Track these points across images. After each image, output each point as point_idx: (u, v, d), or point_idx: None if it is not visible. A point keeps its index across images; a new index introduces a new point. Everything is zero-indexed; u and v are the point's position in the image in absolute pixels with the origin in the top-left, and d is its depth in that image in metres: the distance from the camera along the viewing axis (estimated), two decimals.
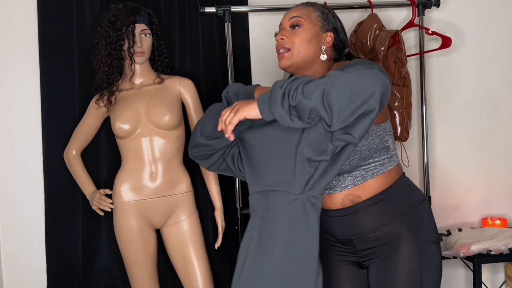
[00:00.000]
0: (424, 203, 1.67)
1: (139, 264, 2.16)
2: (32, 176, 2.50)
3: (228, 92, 1.69)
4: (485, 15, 2.66)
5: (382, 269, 1.60)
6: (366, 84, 1.33)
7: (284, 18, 1.69)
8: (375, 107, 1.34)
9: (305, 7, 1.69)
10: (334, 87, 1.33)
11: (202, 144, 1.73)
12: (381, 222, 1.60)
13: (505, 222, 2.60)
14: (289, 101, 1.36)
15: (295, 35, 1.63)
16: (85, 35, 2.41)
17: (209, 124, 1.69)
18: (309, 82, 1.37)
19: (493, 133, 2.70)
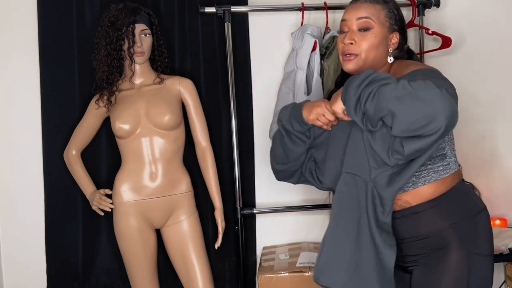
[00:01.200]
0: (481, 213, 1.56)
1: (139, 264, 2.16)
2: (32, 176, 2.50)
3: (282, 121, 1.70)
4: (485, 15, 2.66)
5: (425, 276, 1.54)
6: (432, 112, 1.31)
7: (350, 15, 1.58)
8: (435, 133, 1.34)
9: (373, 4, 1.58)
10: (402, 106, 1.34)
11: (281, 170, 1.78)
12: (430, 230, 1.53)
13: (505, 222, 2.60)
14: (361, 109, 1.42)
15: (364, 40, 1.55)
16: (85, 35, 2.41)
17: (279, 152, 1.74)
18: (381, 89, 1.38)
19: (493, 133, 2.69)
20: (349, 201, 1.54)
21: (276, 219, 2.62)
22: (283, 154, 1.73)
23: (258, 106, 2.58)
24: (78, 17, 2.43)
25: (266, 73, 2.58)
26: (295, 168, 1.75)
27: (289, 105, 1.71)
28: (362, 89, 1.42)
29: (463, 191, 1.58)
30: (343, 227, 1.54)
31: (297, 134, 1.67)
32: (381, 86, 1.39)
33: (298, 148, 1.69)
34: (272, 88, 2.55)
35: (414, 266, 1.60)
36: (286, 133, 1.69)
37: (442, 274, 1.50)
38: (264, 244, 2.62)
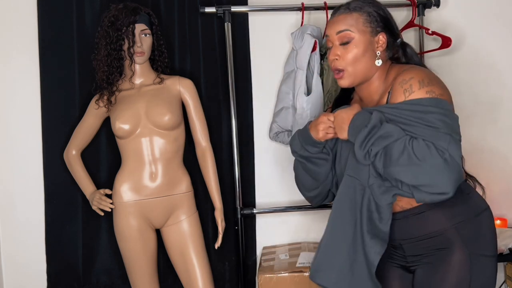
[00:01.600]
0: (484, 213, 1.57)
1: (139, 264, 2.16)
2: (32, 176, 2.50)
3: (296, 151, 1.73)
4: (485, 15, 2.66)
5: (428, 276, 1.55)
6: (438, 183, 1.40)
7: (330, 30, 1.60)
8: (443, 194, 1.42)
9: (350, 13, 1.58)
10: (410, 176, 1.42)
11: (315, 196, 1.80)
12: (432, 230, 1.54)
13: (505, 222, 2.60)
14: (370, 161, 1.49)
15: (347, 53, 1.56)
16: (85, 35, 2.41)
17: (307, 180, 1.76)
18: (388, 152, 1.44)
19: (493, 133, 2.69)
20: (348, 203, 1.57)
21: (276, 219, 2.62)
22: (311, 180, 1.75)
23: (258, 106, 2.58)
24: (78, 17, 2.43)
25: (266, 73, 2.58)
26: (327, 187, 1.77)
27: (295, 134, 1.75)
28: (368, 147, 1.48)
29: (465, 191, 1.58)
30: (341, 228, 1.57)
31: (317, 156, 1.70)
32: (387, 147, 1.45)
33: (324, 168, 1.72)
34: (272, 88, 2.55)
35: (416, 266, 1.60)
36: (307, 160, 1.72)
37: (444, 274, 1.51)
38: (264, 244, 2.62)
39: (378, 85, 1.61)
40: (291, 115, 2.35)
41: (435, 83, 1.51)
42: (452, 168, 1.39)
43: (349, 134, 1.53)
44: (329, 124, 1.61)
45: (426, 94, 1.47)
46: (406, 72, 1.54)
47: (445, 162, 1.39)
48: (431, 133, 1.43)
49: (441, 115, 1.44)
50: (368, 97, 1.65)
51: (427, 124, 1.44)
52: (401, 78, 1.53)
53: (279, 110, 2.40)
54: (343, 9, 1.60)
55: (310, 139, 1.66)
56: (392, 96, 1.54)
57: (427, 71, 1.55)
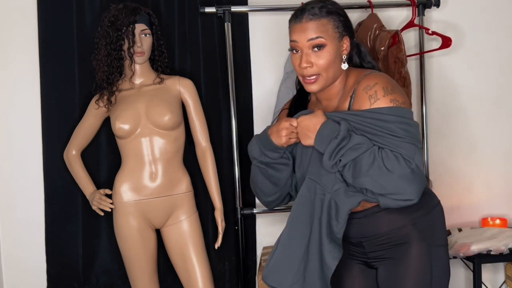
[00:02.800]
0: (437, 207, 1.66)
1: (139, 264, 2.16)
2: (32, 177, 2.50)
3: (256, 157, 1.71)
4: (485, 15, 2.66)
5: (391, 272, 1.61)
6: (405, 191, 1.48)
7: (299, 36, 1.56)
8: (408, 201, 1.50)
9: (319, 19, 1.55)
10: (378, 186, 1.48)
11: (273, 201, 1.80)
12: (392, 227, 1.60)
13: (505, 222, 2.60)
14: (338, 168, 1.52)
15: (320, 59, 1.55)
16: (85, 35, 2.41)
17: (266, 186, 1.75)
18: (357, 163, 1.48)
19: (493, 133, 2.70)
20: (307, 207, 1.59)
21: (276, 219, 2.62)
22: (271, 185, 1.74)
23: (258, 106, 2.58)
24: (78, 17, 2.42)
25: (266, 73, 2.58)
26: (286, 191, 1.77)
27: (253, 140, 1.73)
28: (338, 158, 1.50)
29: None
30: (298, 231, 1.59)
31: (278, 161, 1.68)
32: (357, 157, 1.48)
33: (285, 173, 1.71)
34: (272, 88, 2.55)
35: (378, 262, 1.66)
36: (267, 166, 1.70)
37: (406, 268, 1.57)
38: (264, 244, 2.61)
39: (339, 89, 1.63)
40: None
41: (397, 90, 1.55)
42: (418, 178, 1.48)
43: (317, 143, 1.54)
44: (292, 129, 1.60)
45: (390, 102, 1.51)
46: (369, 77, 1.57)
47: (412, 172, 1.46)
48: (396, 143, 1.49)
49: (403, 124, 1.50)
50: (328, 100, 1.66)
51: (391, 133, 1.49)
52: (365, 83, 1.55)
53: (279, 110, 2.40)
54: (311, 15, 1.55)
55: (271, 145, 1.64)
56: (355, 102, 1.57)
57: (388, 77, 1.58)
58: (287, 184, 1.74)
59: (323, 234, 1.56)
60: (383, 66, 2.31)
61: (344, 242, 1.72)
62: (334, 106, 1.65)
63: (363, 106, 1.54)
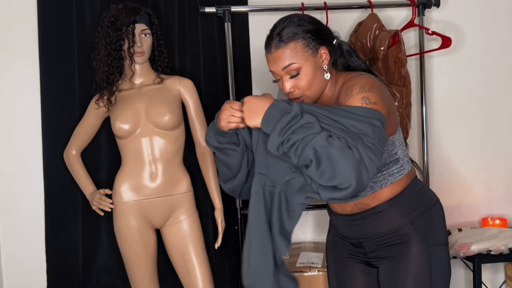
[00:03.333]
0: (436, 206, 1.66)
1: (139, 264, 2.16)
2: (32, 176, 2.50)
3: (209, 142, 1.66)
4: (485, 15, 2.66)
5: (391, 271, 1.62)
6: (343, 171, 1.36)
7: (274, 66, 1.56)
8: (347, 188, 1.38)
9: (286, 46, 1.53)
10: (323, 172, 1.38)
11: (233, 189, 1.75)
12: (390, 227, 1.60)
13: (505, 222, 2.60)
14: (283, 148, 1.42)
15: (300, 81, 1.55)
16: (85, 35, 2.41)
17: (222, 171, 1.73)
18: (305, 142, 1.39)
19: (493, 133, 2.70)
20: (262, 204, 1.56)
21: None
22: (226, 171, 1.71)
23: None
24: (78, 17, 2.42)
25: (266, 73, 2.56)
26: (242, 180, 1.71)
27: (209, 125, 1.68)
28: (287, 136, 1.41)
29: (418, 187, 1.66)
30: (256, 230, 1.56)
31: (226, 146, 1.64)
32: (305, 138, 1.39)
33: (234, 159, 1.66)
34: (272, 88, 2.54)
35: (378, 262, 1.66)
36: (218, 150, 1.67)
37: (406, 267, 1.58)
38: None
39: (331, 95, 1.63)
40: None
41: (375, 90, 1.50)
42: (357, 162, 1.36)
43: (264, 121, 1.45)
44: (232, 112, 1.54)
45: (361, 99, 1.47)
46: (352, 79, 1.57)
47: (352, 154, 1.36)
48: (345, 133, 1.41)
49: (357, 121, 1.42)
50: (324, 104, 1.65)
51: (342, 127, 1.42)
52: (346, 85, 1.56)
53: None
54: (277, 42, 1.53)
55: (217, 129, 1.60)
56: (336, 101, 1.59)
57: (371, 78, 1.55)
58: (242, 172, 1.68)
59: (274, 230, 1.54)
60: (383, 66, 2.31)
61: (344, 242, 1.74)
62: None
63: (340, 104, 1.53)
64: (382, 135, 1.44)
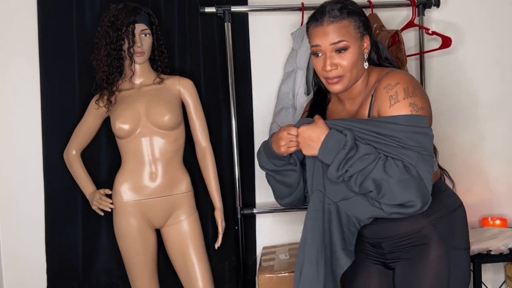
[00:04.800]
0: (459, 209, 1.64)
1: (139, 264, 2.16)
2: (32, 176, 2.50)
3: (264, 165, 1.71)
4: (485, 15, 2.66)
5: (408, 273, 1.60)
6: (408, 199, 1.46)
7: (321, 40, 1.54)
8: (413, 207, 1.47)
9: (340, 22, 1.53)
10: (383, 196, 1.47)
11: (290, 202, 1.79)
12: (411, 228, 1.58)
13: (505, 222, 2.60)
14: (343, 178, 1.50)
15: (344, 60, 1.54)
16: (85, 35, 2.41)
17: (281, 189, 1.75)
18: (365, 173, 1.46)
19: (493, 133, 2.69)
20: (320, 220, 1.58)
21: (276, 219, 2.62)
22: (285, 189, 1.75)
23: (258, 106, 2.58)
24: (78, 17, 2.43)
25: (266, 73, 2.58)
26: (301, 193, 1.77)
27: (260, 148, 1.72)
28: (345, 169, 1.48)
29: (441, 188, 1.65)
30: (316, 245, 1.57)
31: (284, 168, 1.68)
32: (363, 170, 1.46)
33: (293, 178, 1.71)
34: (272, 88, 2.55)
35: (395, 263, 1.64)
36: (275, 173, 1.71)
37: (423, 270, 1.56)
38: (264, 244, 2.61)
39: (362, 88, 1.63)
40: (291, 115, 2.35)
41: (418, 92, 1.53)
42: (418, 184, 1.45)
43: (321, 154, 1.51)
44: (290, 138, 1.58)
45: (409, 106, 1.49)
46: (390, 75, 1.56)
47: (412, 178, 1.44)
48: (400, 150, 1.47)
49: (414, 133, 1.47)
50: (351, 99, 1.66)
51: (397, 143, 1.47)
52: (386, 82, 1.55)
53: (279, 110, 2.40)
54: (332, 17, 1.54)
55: (275, 154, 1.64)
56: (376, 100, 1.56)
57: (409, 77, 1.57)
58: (300, 186, 1.73)
59: (336, 246, 1.57)
60: None
61: (362, 242, 1.72)
62: (357, 105, 1.64)
63: (384, 106, 1.52)
64: (432, 141, 1.52)
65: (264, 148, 1.69)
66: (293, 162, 1.68)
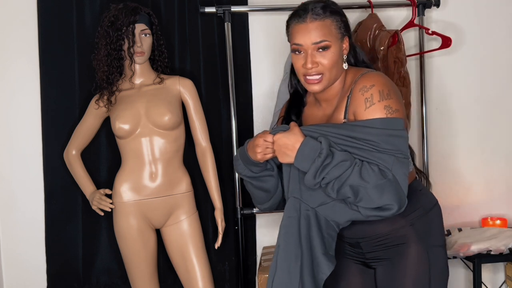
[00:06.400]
0: (435, 208, 1.66)
1: (139, 264, 2.16)
2: (32, 176, 2.50)
3: (241, 172, 1.70)
4: (485, 15, 2.66)
5: (389, 273, 1.61)
6: (383, 203, 1.47)
7: (304, 39, 1.55)
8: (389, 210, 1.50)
9: (323, 20, 1.55)
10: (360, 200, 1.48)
11: (270, 206, 1.79)
12: (389, 228, 1.60)
13: (505, 222, 2.60)
14: (320, 185, 1.51)
15: (324, 59, 1.55)
16: (85, 35, 2.41)
17: (259, 195, 1.75)
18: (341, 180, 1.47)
19: (493, 133, 2.69)
20: (295, 227, 1.58)
21: (276, 219, 2.61)
22: (263, 194, 1.75)
23: (258, 106, 2.58)
24: (78, 17, 2.43)
25: (266, 73, 2.58)
26: (280, 197, 1.76)
27: (237, 155, 1.72)
28: (322, 176, 1.48)
29: (417, 188, 1.66)
30: (291, 252, 1.57)
31: (262, 174, 1.68)
32: (339, 177, 1.46)
33: (271, 183, 1.71)
34: (272, 88, 2.55)
35: (376, 263, 1.65)
36: (253, 179, 1.71)
37: (404, 269, 1.58)
38: (264, 244, 2.61)
39: (339, 89, 1.63)
40: None
41: (393, 94, 1.53)
42: (394, 187, 1.46)
43: (297, 162, 1.51)
44: (267, 145, 1.58)
45: (384, 109, 1.50)
46: (366, 77, 1.57)
47: (388, 182, 1.46)
48: (376, 154, 1.48)
49: (389, 136, 1.49)
50: (327, 100, 1.66)
51: (372, 146, 1.48)
52: (362, 84, 1.55)
53: (279, 110, 2.40)
54: (315, 14, 1.55)
55: (251, 161, 1.64)
56: (352, 103, 1.57)
57: (385, 78, 1.58)
58: (279, 190, 1.73)
59: (316, 251, 1.56)
60: (383, 66, 2.31)
61: (341, 242, 1.73)
62: (333, 107, 1.64)
63: (359, 109, 1.53)
64: (407, 142, 1.53)
65: (240, 155, 1.69)
66: (270, 167, 1.68)
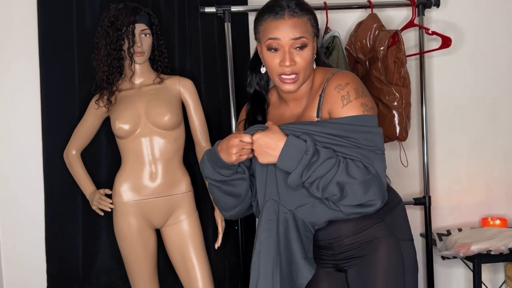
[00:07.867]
0: (400, 204, 1.67)
1: (139, 264, 2.16)
2: (32, 176, 2.50)
3: (209, 176, 1.62)
4: (485, 15, 2.66)
5: (362, 271, 1.59)
6: (368, 198, 1.48)
7: (283, 34, 1.50)
8: (372, 206, 1.50)
9: (300, 17, 1.52)
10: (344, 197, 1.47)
11: (237, 213, 1.73)
12: (359, 227, 1.59)
13: (505, 222, 2.60)
14: (305, 185, 1.48)
15: (301, 58, 1.51)
16: (85, 35, 2.41)
17: (227, 200, 1.67)
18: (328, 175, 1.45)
19: (492, 133, 2.70)
20: (274, 230, 1.54)
21: None
22: (232, 200, 1.67)
23: None
24: (78, 17, 2.42)
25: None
26: (248, 203, 1.70)
27: (204, 158, 1.62)
28: (308, 175, 1.45)
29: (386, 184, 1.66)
30: (270, 256, 1.53)
31: (232, 177, 1.60)
32: (325, 175, 1.44)
33: (242, 187, 1.64)
34: None
35: (347, 264, 1.63)
36: (222, 183, 1.62)
37: (378, 264, 1.57)
38: None
39: (308, 89, 1.61)
40: None
41: (366, 93, 1.55)
42: (378, 182, 1.47)
43: (281, 161, 1.46)
44: (243, 146, 1.51)
45: (361, 106, 1.51)
46: (338, 76, 1.56)
47: (373, 178, 1.47)
48: (358, 151, 1.48)
49: (367, 133, 1.50)
50: (296, 100, 1.63)
51: (354, 143, 1.48)
52: (336, 82, 1.54)
53: None
54: (292, 11, 1.51)
55: (223, 163, 1.55)
56: (326, 101, 1.55)
57: (356, 77, 1.58)
58: (249, 195, 1.67)
59: (296, 255, 1.53)
60: (383, 66, 2.32)
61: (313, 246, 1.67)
62: (302, 106, 1.62)
63: (336, 106, 1.52)
64: (382, 139, 1.54)
65: (209, 157, 1.59)
66: (241, 170, 1.61)
